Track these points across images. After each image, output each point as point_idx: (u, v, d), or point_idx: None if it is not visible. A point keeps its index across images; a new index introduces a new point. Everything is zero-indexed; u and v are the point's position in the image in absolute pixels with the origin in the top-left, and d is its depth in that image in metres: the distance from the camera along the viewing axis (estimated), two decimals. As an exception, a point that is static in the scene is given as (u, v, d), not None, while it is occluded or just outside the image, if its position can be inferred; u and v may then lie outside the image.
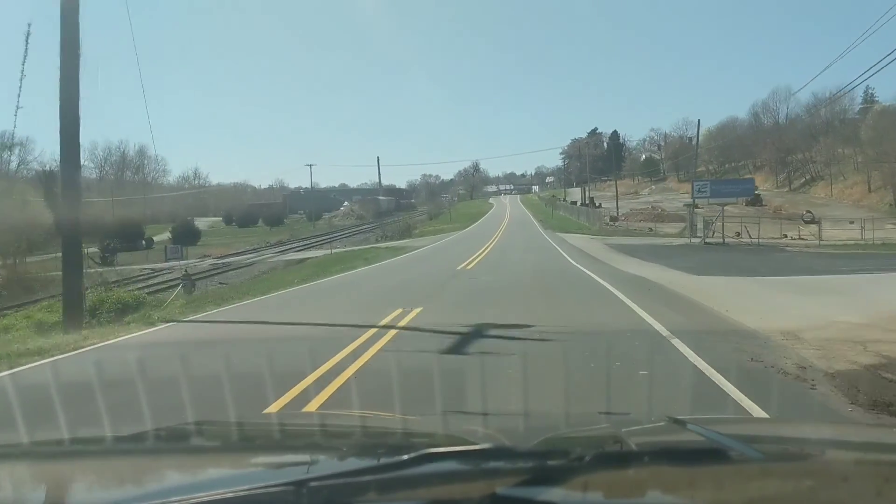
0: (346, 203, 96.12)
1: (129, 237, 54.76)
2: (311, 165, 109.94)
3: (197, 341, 9.46)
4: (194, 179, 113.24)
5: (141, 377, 5.48)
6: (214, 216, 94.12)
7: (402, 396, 4.84)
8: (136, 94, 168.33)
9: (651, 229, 49.95)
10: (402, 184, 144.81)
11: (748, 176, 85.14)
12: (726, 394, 5.49)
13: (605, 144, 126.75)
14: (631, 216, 61.33)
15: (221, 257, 44.78)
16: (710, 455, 1.32)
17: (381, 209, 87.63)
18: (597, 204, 72.14)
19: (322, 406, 5.19)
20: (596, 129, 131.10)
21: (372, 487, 1.13)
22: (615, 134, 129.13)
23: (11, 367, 7.57)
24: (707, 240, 37.26)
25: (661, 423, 1.79)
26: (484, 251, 30.94)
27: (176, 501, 1.08)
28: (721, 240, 36.56)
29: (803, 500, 1.19)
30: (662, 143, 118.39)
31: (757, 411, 4.87)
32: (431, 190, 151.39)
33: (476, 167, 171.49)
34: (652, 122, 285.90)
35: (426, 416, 2.80)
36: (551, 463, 1.23)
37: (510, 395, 5.26)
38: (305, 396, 5.48)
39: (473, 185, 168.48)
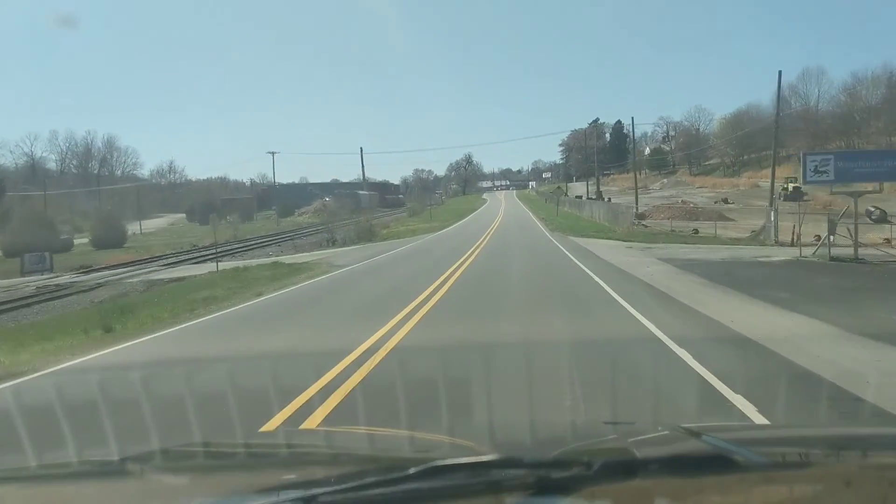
0: (327, 198, 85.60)
1: (44, 238, 43.76)
2: (273, 153, 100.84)
3: None
4: (169, 174, 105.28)
5: None
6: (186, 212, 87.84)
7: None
8: (107, 83, 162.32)
9: (696, 231, 35.59)
10: (395, 180, 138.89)
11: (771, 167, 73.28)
12: None
13: (608, 136, 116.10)
14: (655, 213, 49.04)
15: (110, 268, 33.80)
16: (715, 463, 1.34)
17: (360, 205, 76.82)
18: (605, 198, 62.90)
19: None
20: (597, 119, 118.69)
21: (379, 502, 1.14)
22: (619, 124, 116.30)
23: None
24: (833, 251, 21.06)
25: (667, 432, 1.77)
26: (453, 274, 17.32)
27: None
28: (853, 253, 20.96)
29: None
30: (672, 133, 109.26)
31: None
32: (424, 185, 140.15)
33: (468, 159, 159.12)
34: (656, 112, 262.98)
35: (431, 430, 2.73)
36: (558, 474, 1.24)
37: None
38: None
39: (466, 178, 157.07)
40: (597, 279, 15.64)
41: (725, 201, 57.42)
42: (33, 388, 7.08)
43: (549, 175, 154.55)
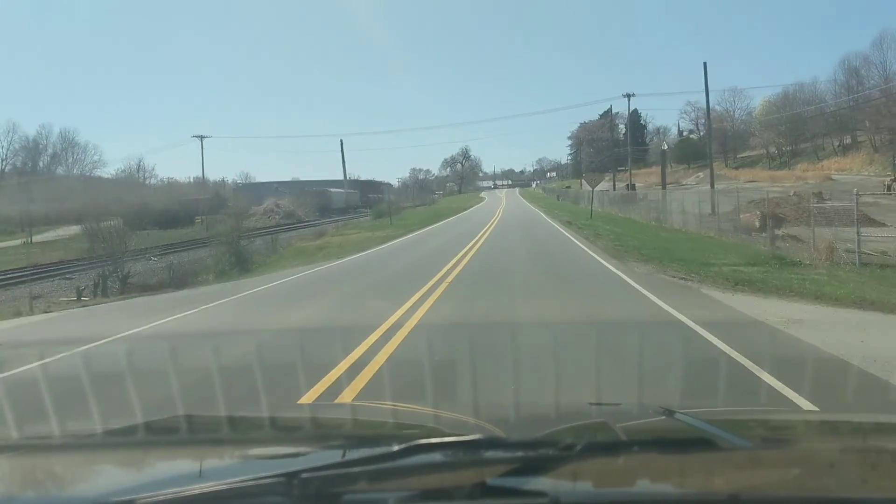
0: (280, 200, 70.06)
1: None
2: (202, 138, 73.97)
3: None
4: (137, 173, 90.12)
5: None
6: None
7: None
8: (64, 73, 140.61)
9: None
10: (394, 181, 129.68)
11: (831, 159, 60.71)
12: None
13: (623, 127, 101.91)
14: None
15: None
16: (699, 444, 1.35)
17: (330, 204, 67.47)
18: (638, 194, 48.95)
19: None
20: (610, 108, 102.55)
21: (363, 478, 1.14)
22: (636, 114, 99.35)
23: None
24: None
25: (652, 414, 1.79)
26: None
27: (167, 494, 1.09)
28: None
29: (791, 488, 1.22)
30: (702, 121, 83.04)
31: None
32: (422, 185, 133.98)
33: (465, 154, 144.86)
34: (674, 102, 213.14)
35: (418, 406, 2.68)
36: (541, 452, 1.25)
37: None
38: None
39: (462, 176, 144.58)
40: None
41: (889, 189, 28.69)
42: None
43: (553, 174, 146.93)
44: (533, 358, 6.37)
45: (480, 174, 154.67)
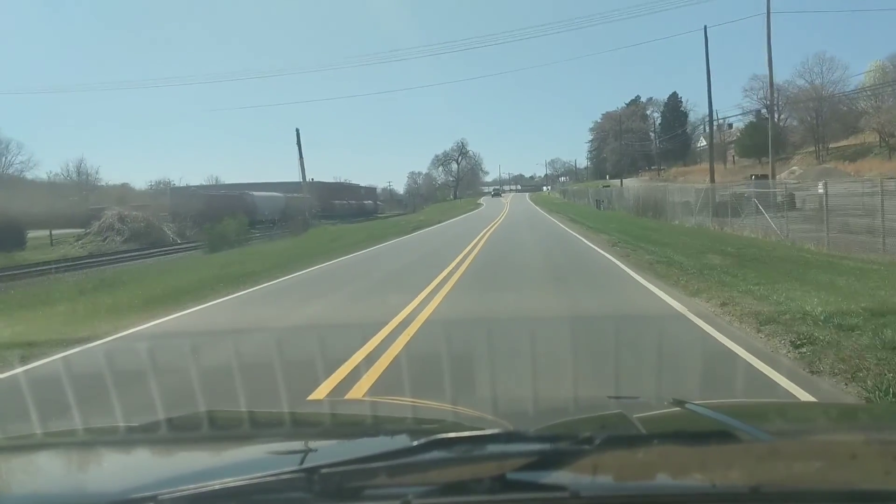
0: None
1: None
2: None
3: None
4: (77, 176, 78.29)
5: None
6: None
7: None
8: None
9: None
10: (399, 188, 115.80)
11: None
12: None
13: (657, 117, 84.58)
14: None
15: None
16: (718, 436, 1.34)
17: (254, 214, 43.30)
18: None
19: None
20: (638, 97, 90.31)
21: (383, 472, 1.15)
22: (674, 99, 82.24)
23: None
24: None
25: (669, 406, 1.77)
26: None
27: (187, 489, 1.10)
28: None
29: (813, 480, 1.22)
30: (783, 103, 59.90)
31: None
32: (417, 191, 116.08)
33: (462, 148, 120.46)
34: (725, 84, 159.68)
35: (437, 401, 2.65)
36: (560, 446, 1.25)
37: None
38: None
39: (459, 177, 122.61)
40: None
41: None
42: None
43: (565, 178, 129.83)
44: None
45: (482, 172, 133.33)
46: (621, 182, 59.55)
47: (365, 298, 11.57)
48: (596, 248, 19.01)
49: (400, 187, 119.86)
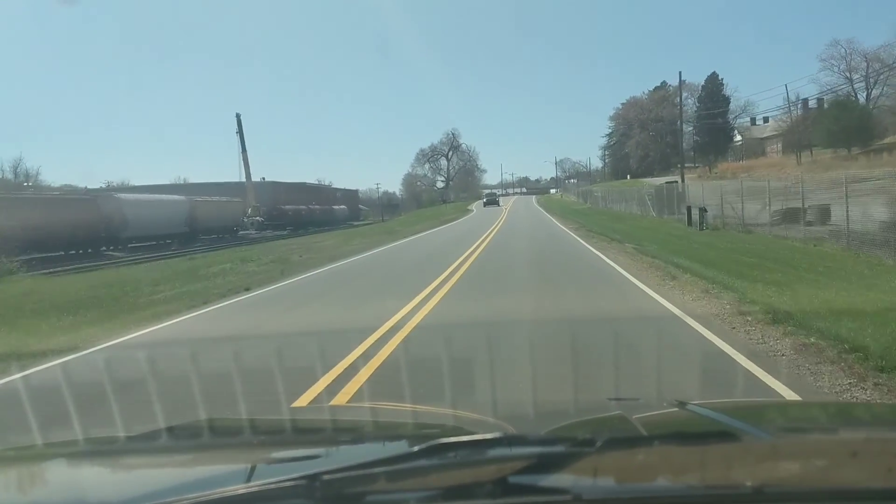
0: None
1: None
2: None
3: None
4: (12, 176, 67.10)
5: None
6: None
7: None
8: None
9: None
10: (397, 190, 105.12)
11: None
12: None
13: (694, 102, 64.77)
14: None
15: None
16: (719, 436, 1.34)
17: (122, 225, 34.02)
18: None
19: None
20: (664, 82, 73.51)
21: (384, 478, 1.14)
22: (713, 80, 64.35)
23: None
24: None
25: (669, 406, 1.77)
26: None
27: (188, 499, 1.09)
28: None
29: (815, 479, 1.21)
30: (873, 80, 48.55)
31: None
32: (414, 193, 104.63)
33: (454, 142, 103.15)
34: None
35: (436, 406, 2.74)
36: (562, 449, 1.25)
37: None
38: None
39: (450, 176, 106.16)
40: None
41: None
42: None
43: (574, 180, 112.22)
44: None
45: (479, 171, 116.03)
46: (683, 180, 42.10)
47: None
48: (571, 233, 12.03)
49: (397, 190, 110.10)
